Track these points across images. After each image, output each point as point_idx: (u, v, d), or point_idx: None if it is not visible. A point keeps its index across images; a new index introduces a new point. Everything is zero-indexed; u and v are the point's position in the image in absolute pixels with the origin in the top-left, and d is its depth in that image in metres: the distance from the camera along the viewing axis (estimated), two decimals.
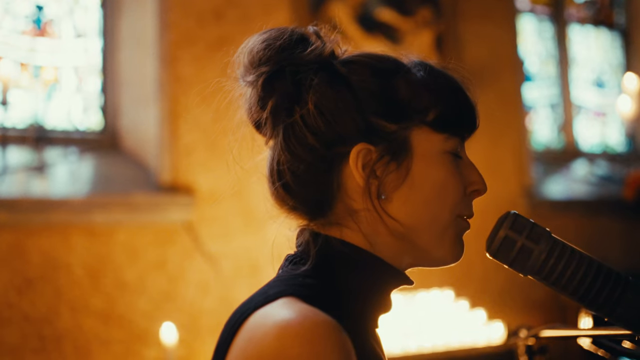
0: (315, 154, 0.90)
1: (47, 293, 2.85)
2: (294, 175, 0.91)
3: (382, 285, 0.91)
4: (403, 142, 0.90)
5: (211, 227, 3.15)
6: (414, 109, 0.91)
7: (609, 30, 5.28)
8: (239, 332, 0.81)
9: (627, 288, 0.84)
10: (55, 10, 3.33)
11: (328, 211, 0.91)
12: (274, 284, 0.87)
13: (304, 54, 0.92)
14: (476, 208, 0.94)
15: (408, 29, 3.73)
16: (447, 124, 0.91)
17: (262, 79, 0.92)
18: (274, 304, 0.81)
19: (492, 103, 4.11)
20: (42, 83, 3.28)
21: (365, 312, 0.91)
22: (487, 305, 3.38)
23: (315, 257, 0.90)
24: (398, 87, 0.92)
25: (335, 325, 0.78)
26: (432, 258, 0.93)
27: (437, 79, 0.93)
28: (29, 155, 3.07)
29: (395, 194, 0.90)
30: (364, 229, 0.90)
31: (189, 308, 3.09)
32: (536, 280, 0.88)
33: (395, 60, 0.95)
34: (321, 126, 0.90)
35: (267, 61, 0.92)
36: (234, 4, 3.36)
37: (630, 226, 4.53)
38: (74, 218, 2.94)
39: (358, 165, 0.89)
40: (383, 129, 0.90)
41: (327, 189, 0.91)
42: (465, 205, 0.93)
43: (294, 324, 0.77)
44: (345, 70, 0.92)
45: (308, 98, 0.90)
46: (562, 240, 0.87)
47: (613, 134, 5.18)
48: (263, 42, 0.92)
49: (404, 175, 0.90)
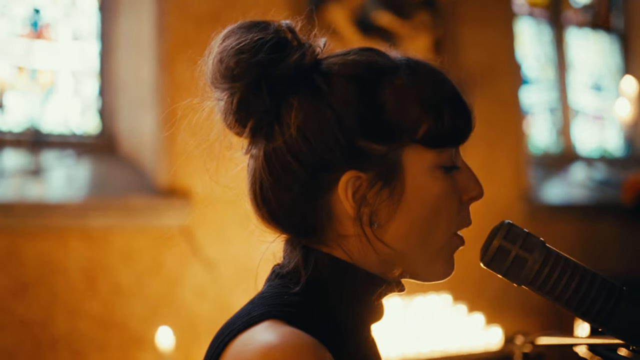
0: (301, 182, 0.84)
1: (43, 297, 2.85)
2: (280, 203, 0.86)
3: (370, 295, 0.89)
4: (394, 165, 0.84)
5: (208, 231, 3.14)
6: (402, 126, 0.84)
7: (607, 34, 5.29)
8: (223, 357, 0.80)
9: (621, 298, 0.84)
10: (53, 13, 3.33)
11: (316, 235, 0.88)
12: (258, 302, 0.85)
13: (282, 66, 0.84)
14: (473, 213, 0.92)
15: (406, 33, 3.73)
16: (439, 138, 0.85)
17: (236, 97, 0.85)
18: (258, 328, 0.79)
19: (490, 107, 4.11)
20: (39, 86, 3.27)
21: (356, 325, 0.89)
22: (485, 310, 3.37)
23: (297, 273, 0.87)
24: (385, 101, 0.84)
25: (319, 348, 0.77)
26: (421, 277, 0.91)
27: (425, 84, 0.86)
28: (25, 159, 3.06)
29: (387, 219, 0.85)
30: (353, 253, 0.87)
31: (185, 312, 3.08)
32: (530, 290, 0.87)
33: (381, 64, 0.87)
34: (305, 151, 0.83)
35: (240, 76, 0.84)
36: (231, 7, 3.35)
37: (629, 230, 4.53)
38: (70, 222, 2.93)
39: (348, 195, 0.83)
40: (371, 152, 0.83)
41: (316, 217, 0.86)
42: (462, 217, 0.89)
43: (277, 349, 0.75)
44: (327, 87, 0.84)
45: (290, 119, 0.83)
46: (556, 250, 0.87)
47: (611, 138, 5.18)
48: (235, 54, 0.84)
49: (397, 201, 0.84)
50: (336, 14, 3.53)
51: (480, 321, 3.18)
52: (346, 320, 0.87)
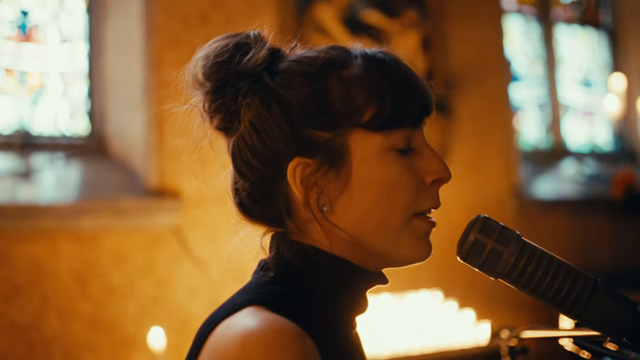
0: (258, 173, 0.90)
1: (34, 299, 2.85)
2: (247, 194, 0.92)
3: (352, 286, 0.91)
4: (340, 149, 0.88)
5: (199, 231, 3.15)
6: (347, 113, 0.88)
7: (595, 30, 5.31)
8: (207, 342, 0.83)
9: (595, 290, 0.85)
10: (41, 15, 3.32)
11: (287, 223, 0.92)
12: (243, 292, 0.89)
13: (240, 66, 0.91)
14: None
15: (394, 31, 3.74)
16: (384, 121, 0.88)
17: (205, 98, 0.93)
18: (240, 314, 0.82)
19: (480, 103, 4.13)
20: (28, 89, 3.27)
21: (338, 315, 0.91)
22: (476, 306, 3.38)
23: (278, 264, 0.91)
24: (329, 90, 0.88)
25: (299, 334, 0.78)
26: (395, 259, 0.91)
27: (372, 72, 0.89)
28: (15, 162, 3.06)
29: (338, 202, 0.88)
30: (320, 239, 0.90)
31: (177, 312, 3.08)
32: (507, 283, 0.89)
33: (329, 59, 0.90)
34: (258, 145, 0.89)
35: (208, 79, 0.92)
36: (219, 7, 3.36)
37: (619, 225, 4.56)
38: (61, 224, 2.93)
39: (296, 181, 0.88)
40: (317, 139, 0.88)
41: (278, 206, 0.91)
42: (425, 198, 0.90)
43: (257, 333, 0.77)
44: (274, 83, 0.90)
45: (245, 117, 0.90)
46: (532, 243, 0.88)
47: (601, 133, 5.21)
48: (205, 59, 0.92)
49: (344, 183, 0.88)
50: (324, 13, 3.54)
51: (471, 317, 3.20)
52: (328, 310, 0.89)
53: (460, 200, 3.68)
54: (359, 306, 0.92)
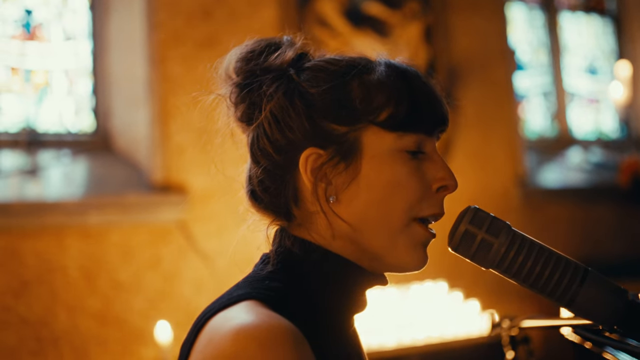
0: (272, 161, 0.93)
1: (43, 295, 2.88)
2: (259, 181, 0.95)
3: (350, 285, 0.92)
4: (353, 143, 0.90)
5: (205, 225, 3.17)
6: (365, 110, 0.91)
7: (600, 17, 5.28)
8: (201, 333, 0.84)
9: (585, 278, 0.86)
10: (44, 14, 3.34)
11: (293, 214, 0.94)
12: (241, 284, 0.90)
13: (268, 62, 0.95)
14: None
15: (396, 22, 3.73)
16: (398, 122, 0.91)
17: (232, 90, 0.97)
18: (236, 307, 0.83)
19: (484, 93, 4.12)
20: (33, 87, 3.29)
21: (334, 313, 0.91)
22: (481, 296, 3.39)
23: (279, 259, 0.92)
24: (350, 89, 0.92)
25: (292, 331, 0.79)
26: (389, 262, 0.92)
27: (393, 78, 0.93)
28: (22, 159, 3.09)
29: (344, 195, 0.90)
30: (322, 231, 0.91)
31: (184, 306, 3.11)
32: (498, 273, 0.90)
33: (352, 62, 0.95)
34: (276, 133, 0.93)
35: (237, 73, 0.97)
36: (221, 2, 3.37)
37: (625, 213, 4.54)
38: (68, 220, 2.96)
39: (307, 170, 0.91)
40: (333, 132, 0.91)
41: (286, 195, 0.93)
42: (429, 204, 0.92)
43: (250, 328, 0.78)
44: (298, 77, 0.94)
45: (267, 106, 0.93)
46: (522, 233, 0.89)
47: (607, 121, 5.19)
48: (237, 55, 0.97)
49: (353, 176, 0.90)
50: (325, 6, 3.54)
51: (477, 307, 3.20)
52: (324, 307, 0.90)
53: (466, 190, 3.69)
54: (356, 305, 0.94)
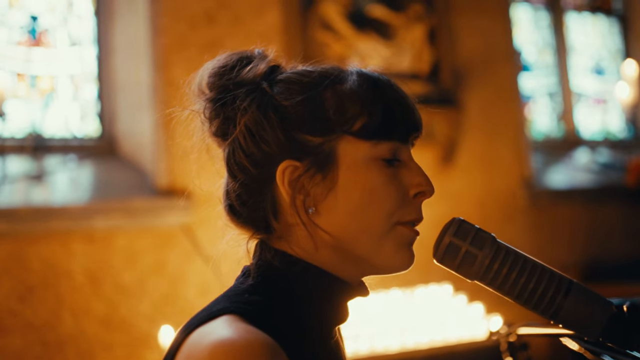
0: (249, 175, 0.94)
1: (48, 300, 2.90)
2: (237, 195, 0.95)
3: (330, 297, 0.92)
4: (329, 154, 0.91)
5: (209, 229, 3.18)
6: (338, 120, 0.91)
7: (606, 17, 5.25)
8: (181, 349, 0.84)
9: (570, 291, 0.86)
10: (50, 20, 3.37)
11: (273, 227, 0.94)
12: (220, 299, 0.90)
13: (241, 76, 0.96)
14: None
15: (400, 24, 3.73)
16: (372, 131, 0.91)
17: (205, 105, 0.98)
18: (214, 322, 0.83)
19: (490, 94, 4.11)
20: (39, 92, 3.32)
21: (315, 326, 0.92)
22: (486, 300, 3.38)
23: (259, 272, 0.93)
24: (323, 100, 0.93)
25: (269, 345, 0.79)
26: (377, 266, 0.93)
27: (366, 87, 0.93)
28: (28, 164, 3.11)
29: (323, 205, 0.91)
30: (302, 243, 0.92)
31: (190, 310, 3.11)
32: (483, 285, 0.90)
33: (325, 72, 0.96)
34: (252, 147, 0.93)
35: (210, 88, 0.97)
36: (225, 6, 3.38)
37: (633, 213, 4.52)
38: (73, 225, 2.98)
39: (285, 182, 0.91)
40: (308, 143, 0.91)
41: (264, 209, 0.93)
42: (409, 210, 0.92)
43: (227, 343, 0.79)
44: (271, 90, 0.95)
45: (241, 120, 0.93)
46: (507, 245, 0.89)
47: (614, 121, 5.16)
48: (209, 70, 0.98)
49: (330, 186, 0.91)
50: (329, 9, 3.54)
51: (481, 311, 3.20)
52: (305, 320, 0.90)
53: (472, 192, 3.68)
54: (337, 317, 0.94)
